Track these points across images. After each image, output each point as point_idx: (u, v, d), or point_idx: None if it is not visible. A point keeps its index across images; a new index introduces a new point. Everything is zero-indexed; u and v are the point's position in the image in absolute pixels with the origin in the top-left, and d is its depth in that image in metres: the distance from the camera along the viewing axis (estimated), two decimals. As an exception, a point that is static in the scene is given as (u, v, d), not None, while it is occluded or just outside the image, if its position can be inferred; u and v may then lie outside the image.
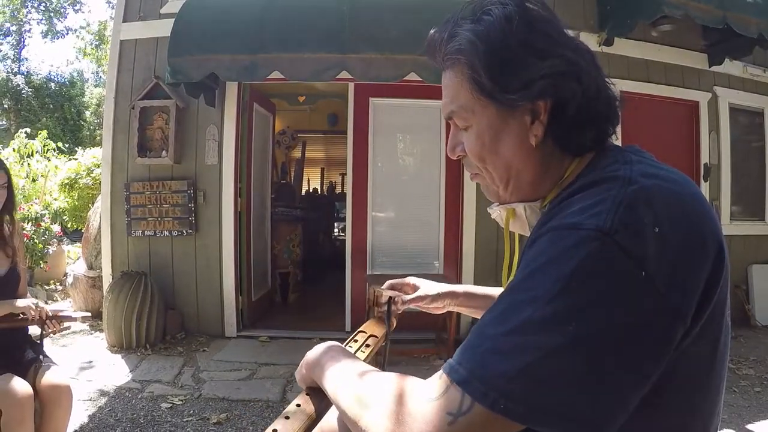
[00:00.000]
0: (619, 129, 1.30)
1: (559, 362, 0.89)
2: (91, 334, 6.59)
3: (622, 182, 1.01)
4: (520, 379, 0.88)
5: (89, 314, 3.60)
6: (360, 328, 1.76)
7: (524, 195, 1.28)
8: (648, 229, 0.94)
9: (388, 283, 2.14)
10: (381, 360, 2.00)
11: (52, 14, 28.25)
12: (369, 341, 1.66)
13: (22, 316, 3.08)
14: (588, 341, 0.89)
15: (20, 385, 2.82)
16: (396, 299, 2.00)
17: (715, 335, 1.04)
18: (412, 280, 2.13)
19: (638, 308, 0.91)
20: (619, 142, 1.27)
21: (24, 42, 28.09)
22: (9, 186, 3.27)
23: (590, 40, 6.45)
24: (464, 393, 0.92)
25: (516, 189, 1.27)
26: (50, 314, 3.14)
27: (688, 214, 1.00)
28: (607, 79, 1.23)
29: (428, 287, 2.09)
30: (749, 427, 4.30)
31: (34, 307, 3.05)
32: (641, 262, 0.91)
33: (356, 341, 1.65)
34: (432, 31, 1.31)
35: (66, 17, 29.02)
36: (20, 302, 3.08)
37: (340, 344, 1.41)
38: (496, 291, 2.01)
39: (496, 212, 1.41)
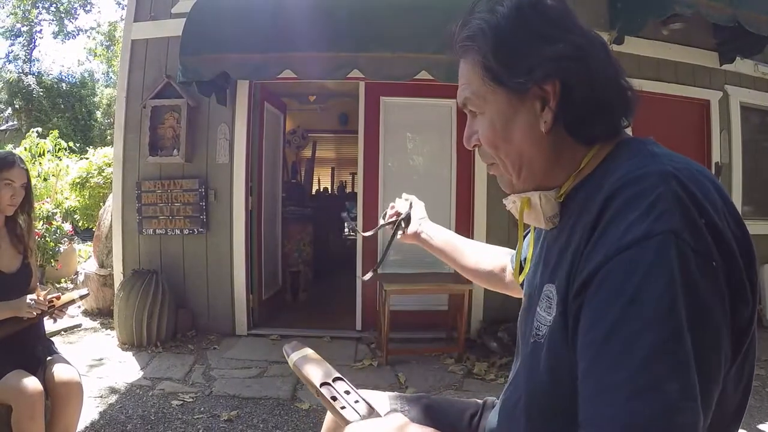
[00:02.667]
0: (629, 128, 1.32)
1: (690, 374, 0.88)
2: (102, 331, 6.61)
3: (664, 177, 1.01)
4: (673, 410, 0.86)
5: (86, 291, 3.60)
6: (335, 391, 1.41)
7: (537, 183, 1.29)
8: (700, 221, 0.95)
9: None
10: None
11: (62, 15, 28.38)
12: (345, 387, 1.39)
13: (26, 317, 3.09)
14: (705, 343, 0.91)
15: (30, 382, 2.83)
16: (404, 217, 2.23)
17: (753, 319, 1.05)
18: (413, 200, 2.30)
19: (725, 298, 0.94)
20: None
21: (35, 43, 28.29)
22: (27, 186, 3.30)
23: (601, 39, 6.42)
24: None
25: (529, 177, 1.28)
26: (49, 307, 3.13)
27: (724, 200, 1.03)
28: (620, 71, 1.26)
29: (419, 212, 2.27)
30: (761, 427, 4.29)
31: (32, 306, 3.03)
32: (710, 255, 0.93)
33: (340, 398, 1.37)
34: (451, 25, 1.34)
35: (77, 18, 29.19)
36: (17, 303, 3.04)
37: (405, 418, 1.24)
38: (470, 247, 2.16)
39: (511, 203, 1.41)
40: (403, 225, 2.23)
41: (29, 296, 3.08)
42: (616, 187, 1.06)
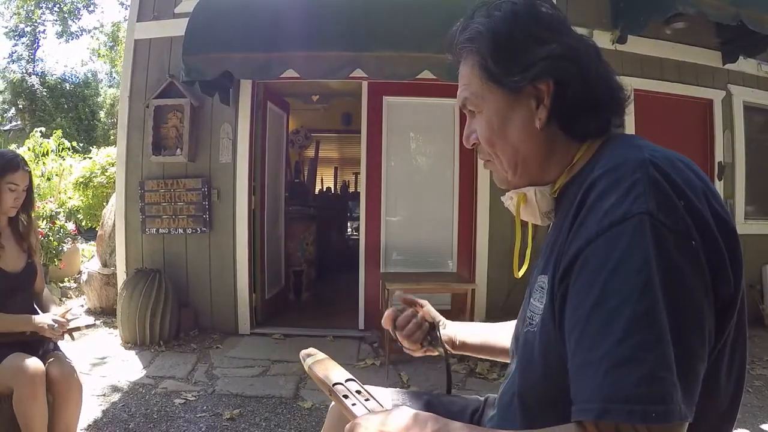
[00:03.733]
0: (633, 127, 1.37)
1: (666, 347, 0.91)
2: (106, 330, 6.62)
3: (641, 164, 1.05)
4: (652, 379, 0.89)
5: (93, 322, 3.59)
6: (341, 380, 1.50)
7: (532, 179, 1.35)
8: (678, 203, 0.99)
9: (401, 295, 2.02)
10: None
11: (66, 15, 28.38)
12: (356, 387, 1.46)
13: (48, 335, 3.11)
14: (685, 319, 0.94)
15: (31, 362, 2.86)
16: (439, 322, 1.92)
17: (741, 306, 1.06)
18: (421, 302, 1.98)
19: (707, 276, 0.97)
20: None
21: (38, 43, 28.23)
22: (29, 187, 3.32)
23: (603, 38, 6.44)
24: (617, 424, 0.91)
25: (524, 173, 1.34)
26: (65, 329, 3.14)
27: (704, 184, 1.07)
28: (611, 71, 1.32)
29: (439, 316, 1.96)
30: (763, 427, 4.29)
31: (54, 328, 3.05)
32: (688, 234, 0.97)
33: (351, 396, 1.43)
34: (451, 30, 1.41)
35: (80, 18, 29.16)
36: (39, 320, 3.07)
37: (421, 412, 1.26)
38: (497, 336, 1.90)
39: (509, 200, 1.45)
40: (437, 334, 1.90)
41: (52, 316, 3.11)
42: (596, 176, 1.11)
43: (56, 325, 3.06)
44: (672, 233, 0.96)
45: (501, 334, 1.87)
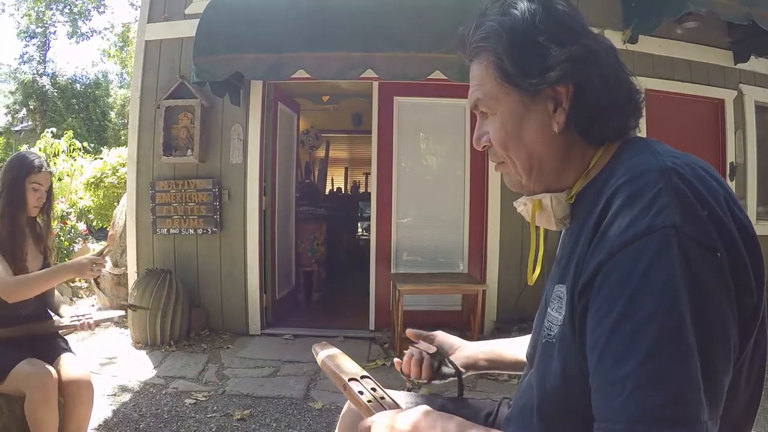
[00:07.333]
0: (644, 127, 1.33)
1: (693, 364, 0.90)
2: (116, 330, 6.64)
3: (664, 173, 1.03)
4: (678, 400, 0.88)
5: (123, 313, 3.63)
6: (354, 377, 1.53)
7: (548, 184, 1.31)
8: (702, 213, 0.97)
9: (411, 331, 1.98)
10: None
11: (76, 16, 28.48)
12: (371, 384, 1.50)
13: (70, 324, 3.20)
14: (711, 334, 0.93)
15: (43, 368, 2.88)
16: (449, 350, 1.89)
17: (763, 315, 1.05)
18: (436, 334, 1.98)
19: (731, 288, 0.96)
20: (642, 140, 1.28)
21: (49, 44, 28.36)
22: (50, 188, 3.38)
23: (615, 38, 6.40)
24: None
25: (539, 177, 1.30)
26: (93, 323, 3.23)
27: (726, 192, 1.05)
28: (628, 73, 1.28)
29: (452, 340, 1.96)
30: (775, 428, 4.26)
31: (93, 269, 3.14)
32: (713, 246, 0.95)
33: (366, 392, 1.45)
34: (462, 28, 1.37)
35: (90, 19, 29.26)
36: (78, 264, 3.15)
37: (429, 408, 1.30)
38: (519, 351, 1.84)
39: (522, 206, 1.42)
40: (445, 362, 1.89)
41: (87, 256, 3.18)
42: (617, 185, 1.08)
43: (95, 266, 3.13)
44: (698, 246, 0.94)
45: (512, 347, 1.86)
